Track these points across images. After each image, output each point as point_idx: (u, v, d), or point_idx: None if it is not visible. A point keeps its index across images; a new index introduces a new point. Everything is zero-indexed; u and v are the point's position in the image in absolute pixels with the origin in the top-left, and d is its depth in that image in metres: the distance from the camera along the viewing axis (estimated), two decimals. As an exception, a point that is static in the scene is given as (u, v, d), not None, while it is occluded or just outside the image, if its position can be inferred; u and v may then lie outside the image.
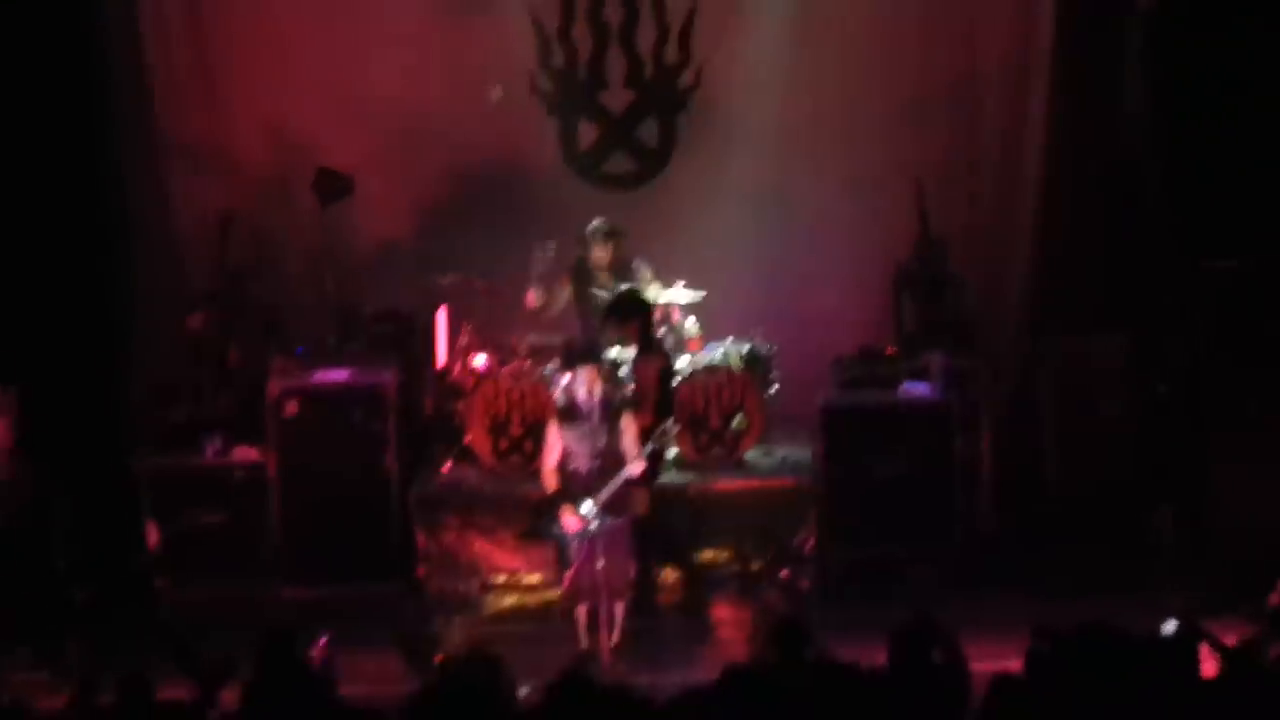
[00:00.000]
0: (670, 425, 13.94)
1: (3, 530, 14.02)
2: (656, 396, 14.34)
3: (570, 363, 14.12)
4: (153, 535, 13.77)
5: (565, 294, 15.58)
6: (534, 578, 14.99)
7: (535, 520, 14.15)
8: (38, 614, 13.82)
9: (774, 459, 15.80)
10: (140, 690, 9.93)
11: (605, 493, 13.43)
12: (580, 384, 13.65)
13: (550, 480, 13.67)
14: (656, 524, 14.09)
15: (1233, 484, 14.57)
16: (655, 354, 14.66)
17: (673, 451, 14.99)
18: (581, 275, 15.57)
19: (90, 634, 12.94)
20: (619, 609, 13.64)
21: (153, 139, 16.68)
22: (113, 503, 14.92)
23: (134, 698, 9.74)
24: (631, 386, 14.41)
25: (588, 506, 13.40)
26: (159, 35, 16.60)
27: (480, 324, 16.01)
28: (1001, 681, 9.14)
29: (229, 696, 10.16)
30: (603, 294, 15.31)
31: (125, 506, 14.96)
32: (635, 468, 13.52)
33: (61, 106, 15.87)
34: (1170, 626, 10.69)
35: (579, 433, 13.58)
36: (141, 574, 13.31)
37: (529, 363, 15.59)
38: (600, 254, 15.50)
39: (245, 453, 15.49)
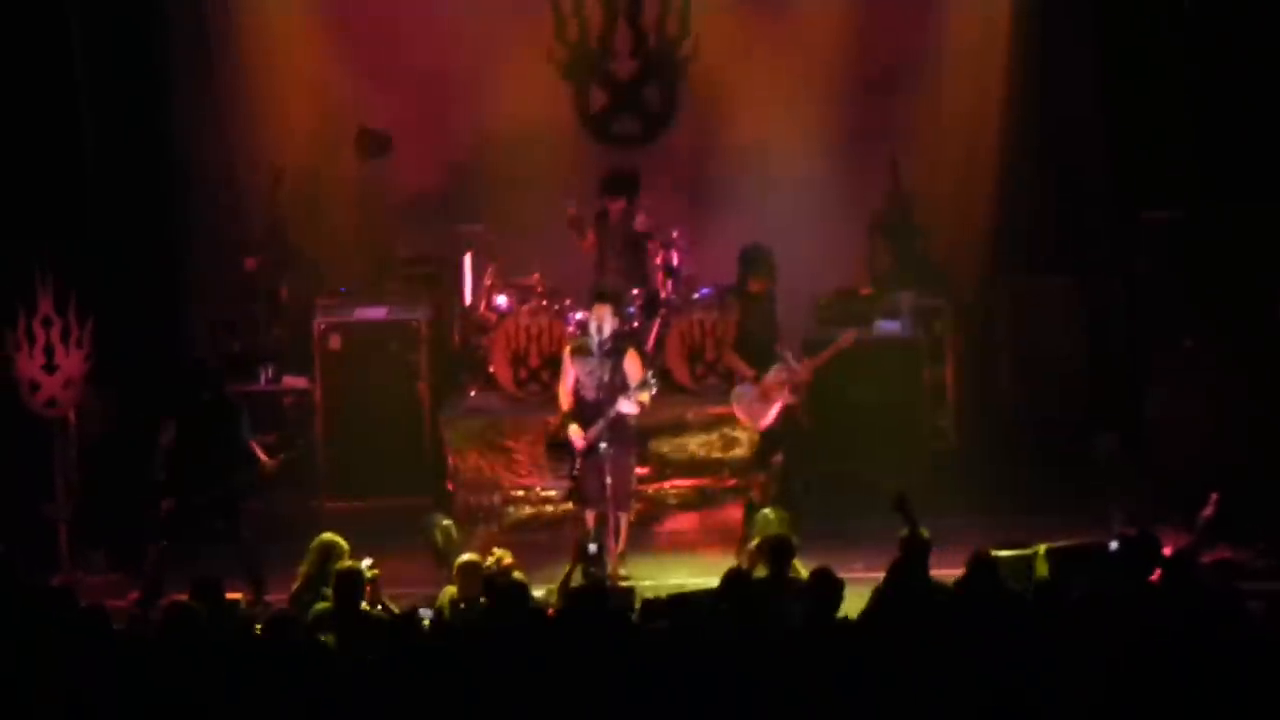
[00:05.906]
0: (650, 377, 13.57)
1: (88, 449, 13.99)
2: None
3: (596, 301, 13.77)
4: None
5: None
6: (549, 492, 14.84)
7: (555, 437, 13.95)
8: (118, 524, 13.70)
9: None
10: (211, 590, 9.81)
11: (602, 422, 13.21)
12: (593, 320, 13.45)
13: (565, 401, 13.61)
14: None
15: (1168, 412, 14.44)
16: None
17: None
18: (603, 227, 15.31)
19: (164, 543, 12.72)
20: (624, 520, 13.48)
21: (214, 101, 16.50)
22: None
23: (205, 597, 9.61)
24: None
25: (593, 431, 13.23)
26: (220, 9, 16.46)
27: (502, 267, 15.81)
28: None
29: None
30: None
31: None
32: (624, 405, 13.27)
33: (131, 70, 15.79)
34: (1116, 544, 10.49)
35: (588, 366, 13.40)
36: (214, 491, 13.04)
37: (545, 302, 15.40)
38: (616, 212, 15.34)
39: (294, 380, 15.58)
